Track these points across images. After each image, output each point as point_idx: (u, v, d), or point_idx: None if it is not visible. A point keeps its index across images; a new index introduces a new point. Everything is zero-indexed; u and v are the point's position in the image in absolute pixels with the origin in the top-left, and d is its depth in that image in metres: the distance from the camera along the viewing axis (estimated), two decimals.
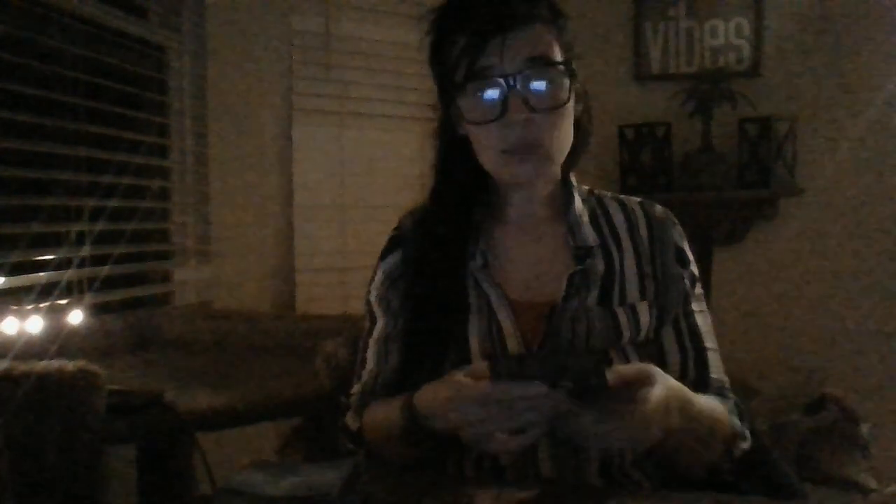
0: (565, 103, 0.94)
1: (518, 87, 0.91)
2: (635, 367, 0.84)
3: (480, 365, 0.84)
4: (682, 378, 0.99)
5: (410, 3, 2.54)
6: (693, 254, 1.05)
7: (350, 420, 1.03)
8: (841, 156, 2.73)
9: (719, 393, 1.01)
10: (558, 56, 0.95)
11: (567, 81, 0.94)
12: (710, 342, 1.02)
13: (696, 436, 0.89)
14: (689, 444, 0.90)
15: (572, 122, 0.98)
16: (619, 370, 0.80)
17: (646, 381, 0.80)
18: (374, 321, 1.06)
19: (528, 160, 0.95)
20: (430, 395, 0.87)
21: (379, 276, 1.07)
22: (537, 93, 0.93)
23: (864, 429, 2.45)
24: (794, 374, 2.77)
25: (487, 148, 0.97)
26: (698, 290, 1.03)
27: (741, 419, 0.98)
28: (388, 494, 0.83)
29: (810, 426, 2.46)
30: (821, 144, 2.75)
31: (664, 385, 0.81)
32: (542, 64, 0.93)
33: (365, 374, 1.05)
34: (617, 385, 0.78)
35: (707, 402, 0.93)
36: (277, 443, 1.86)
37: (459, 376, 0.83)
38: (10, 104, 1.56)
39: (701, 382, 1.00)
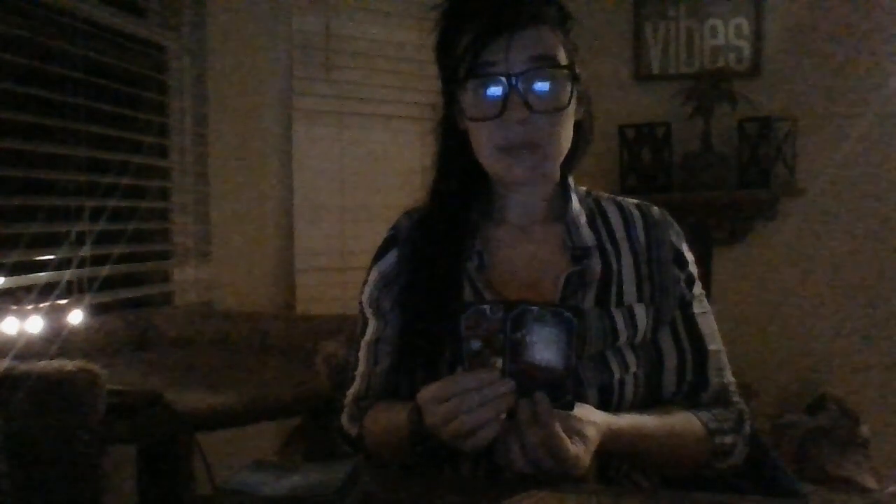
0: (565, 106, 0.94)
1: (519, 86, 0.92)
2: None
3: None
4: (679, 380, 1.00)
5: (410, 3, 2.54)
6: (693, 254, 1.04)
7: (347, 424, 1.03)
8: (841, 156, 2.73)
9: (721, 396, 1.00)
10: (563, 59, 0.95)
11: (569, 84, 0.94)
12: (713, 344, 1.01)
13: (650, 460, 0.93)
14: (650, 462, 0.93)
15: (572, 124, 0.98)
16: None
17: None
18: (365, 323, 1.06)
19: (525, 159, 0.95)
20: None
21: (373, 276, 1.06)
22: (538, 93, 0.93)
23: (864, 429, 2.45)
24: (794, 374, 2.78)
25: (485, 145, 0.97)
26: (698, 290, 1.03)
27: (737, 429, 0.98)
28: (388, 494, 0.82)
29: (810, 426, 2.46)
30: (821, 144, 2.75)
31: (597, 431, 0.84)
32: (545, 65, 0.93)
33: (357, 377, 1.05)
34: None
35: (663, 427, 0.93)
36: (277, 443, 1.87)
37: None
38: (11, 104, 1.56)
39: (700, 384, 1.00)
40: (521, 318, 0.80)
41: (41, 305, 1.54)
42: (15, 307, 1.43)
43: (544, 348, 0.80)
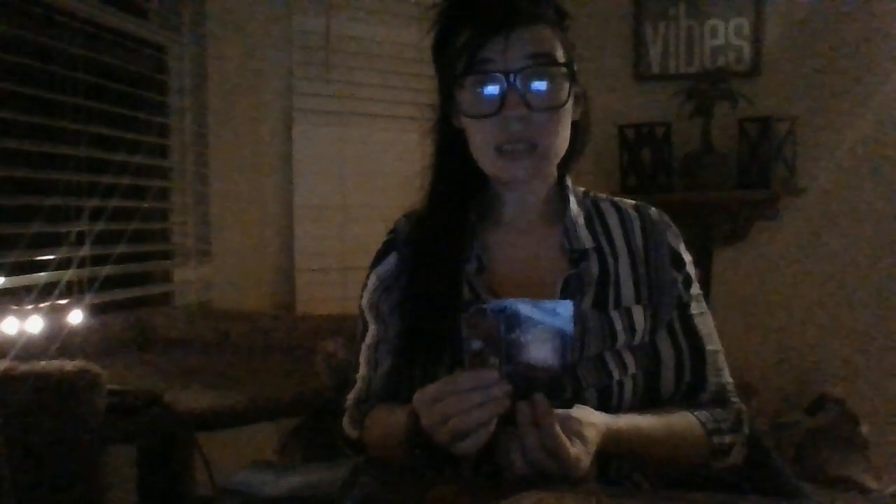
0: (563, 104, 0.94)
1: (517, 84, 0.91)
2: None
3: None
4: (678, 381, 1.00)
5: (410, 3, 2.54)
6: (693, 254, 1.04)
7: (348, 428, 1.03)
8: (841, 156, 2.73)
9: (719, 396, 1.00)
10: (561, 57, 0.95)
11: (567, 83, 0.94)
12: (711, 344, 1.01)
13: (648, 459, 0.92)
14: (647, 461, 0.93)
15: (570, 123, 0.98)
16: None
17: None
18: (366, 326, 1.06)
19: (522, 159, 0.94)
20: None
21: (372, 281, 1.06)
22: (536, 91, 0.93)
23: (864, 429, 2.45)
24: (794, 374, 2.77)
25: (483, 144, 0.96)
26: (695, 290, 1.02)
27: (736, 429, 0.97)
28: (388, 494, 0.82)
29: (810, 426, 2.46)
30: (821, 144, 2.75)
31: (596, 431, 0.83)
32: (543, 63, 0.93)
33: (358, 381, 1.05)
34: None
35: (662, 428, 0.92)
36: (277, 443, 1.87)
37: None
38: (11, 104, 1.56)
39: (698, 385, 1.00)
40: (515, 317, 0.80)
41: (41, 305, 1.54)
42: (15, 307, 1.43)
43: (540, 346, 0.80)
